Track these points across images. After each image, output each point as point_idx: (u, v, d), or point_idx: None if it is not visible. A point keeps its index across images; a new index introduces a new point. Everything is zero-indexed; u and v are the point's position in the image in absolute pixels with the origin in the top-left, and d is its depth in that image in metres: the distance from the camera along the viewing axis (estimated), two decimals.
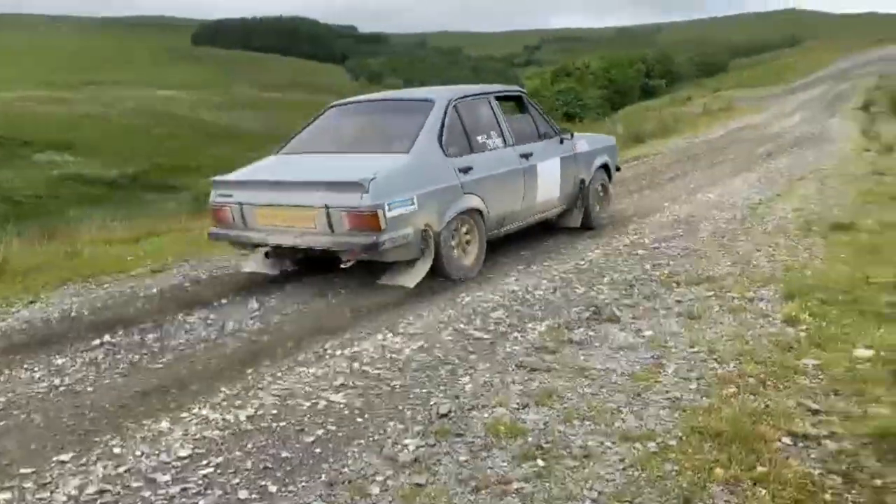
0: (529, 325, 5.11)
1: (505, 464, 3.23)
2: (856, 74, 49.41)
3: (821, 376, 4.10)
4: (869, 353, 4.44)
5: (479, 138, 6.17)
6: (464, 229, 5.94)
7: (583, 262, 6.84)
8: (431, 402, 3.90)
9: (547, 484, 3.06)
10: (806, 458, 3.20)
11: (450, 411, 3.77)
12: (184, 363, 4.73)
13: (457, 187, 5.72)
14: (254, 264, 6.29)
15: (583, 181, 7.64)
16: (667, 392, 3.89)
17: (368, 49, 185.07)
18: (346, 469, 3.27)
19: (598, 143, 8.13)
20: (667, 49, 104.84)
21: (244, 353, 4.86)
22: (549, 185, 7.00)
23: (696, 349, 4.52)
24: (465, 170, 5.85)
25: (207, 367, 4.64)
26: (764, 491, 2.93)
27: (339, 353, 4.71)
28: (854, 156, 15.01)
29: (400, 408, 3.86)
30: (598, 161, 7.98)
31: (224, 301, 6.03)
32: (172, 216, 12.81)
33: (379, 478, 3.17)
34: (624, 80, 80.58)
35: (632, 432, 3.43)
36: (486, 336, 4.92)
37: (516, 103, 7.25)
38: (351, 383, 4.20)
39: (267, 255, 6.08)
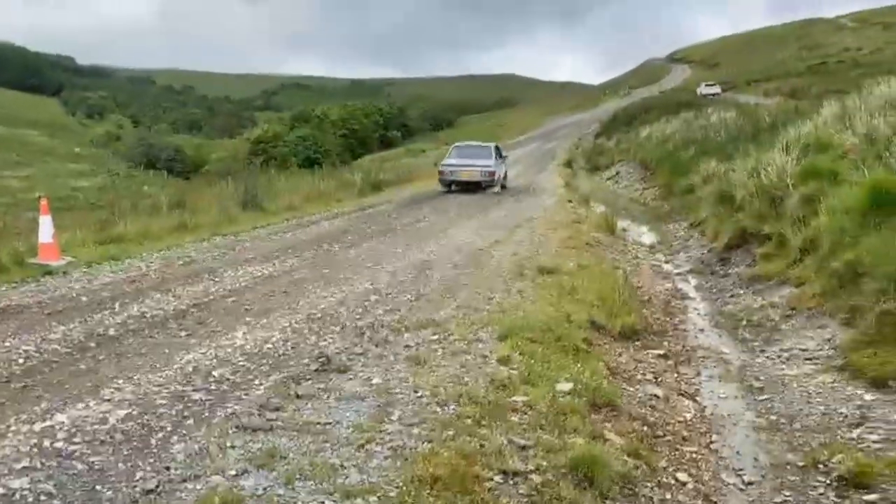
0: (255, 382, 4.87)
1: None
2: (560, 135, 56.26)
3: (529, 412, 4.42)
4: (569, 386, 4.91)
5: (497, 153, 20.22)
6: (501, 178, 20.08)
7: (315, 312, 6.76)
8: (137, 478, 3.49)
9: None
10: (515, 494, 3.40)
11: (158, 486, 3.40)
12: None
13: (500, 168, 20.06)
14: (441, 188, 20.02)
15: (505, 173, 21.24)
16: (391, 441, 3.91)
17: (88, 82, 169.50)
18: None
19: (504, 160, 21.92)
20: (400, 103, 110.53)
21: None
22: (503, 171, 20.74)
23: (420, 394, 4.64)
24: (499, 165, 19.87)
25: None
26: None
27: (25, 428, 4.05)
28: (559, 206, 16.94)
29: (98, 487, 3.40)
30: (507, 165, 22.82)
31: None
32: None
33: None
34: (363, 129, 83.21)
35: (354, 487, 3.37)
36: (206, 397, 4.58)
37: (497, 147, 21.48)
38: (38, 464, 3.62)
39: (447, 185, 20.00)
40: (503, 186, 21.16)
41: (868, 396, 5.27)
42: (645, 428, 4.87)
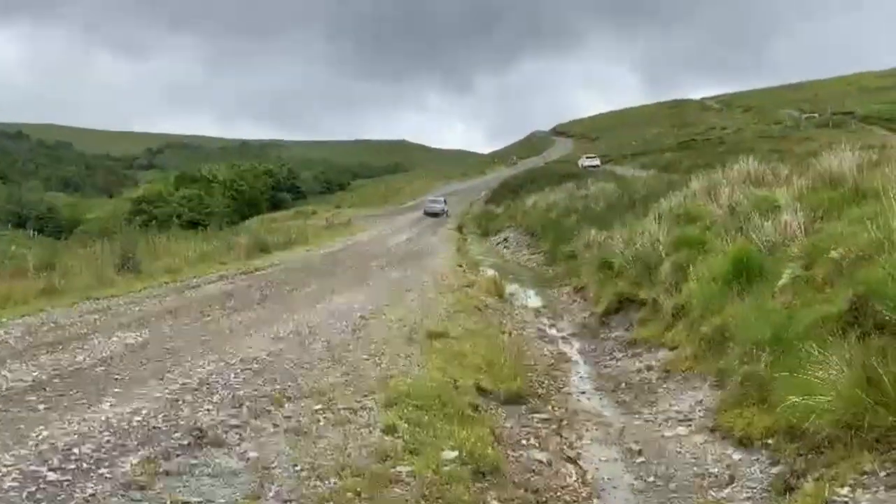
0: (120, 459, 4.54)
1: None
2: (451, 201, 57.66)
3: (413, 483, 4.35)
4: (454, 454, 4.89)
5: (445, 200, 52.11)
6: (447, 212, 48.54)
7: (191, 381, 6.44)
8: None
9: None
10: None
11: None
12: None
13: (446, 207, 50.11)
14: (422, 214, 49.12)
15: (448, 210, 49.40)
16: None
17: None
18: None
19: (447, 202, 52.52)
20: (291, 165, 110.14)
21: None
22: (447, 208, 49.74)
23: (299, 467, 4.47)
24: (445, 206, 49.77)
25: None
26: None
27: None
28: (450, 271, 17.20)
29: None
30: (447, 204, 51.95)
31: None
32: None
33: None
34: (252, 191, 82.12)
35: None
36: (63, 477, 4.22)
37: (444, 198, 54.59)
38: None
39: (425, 214, 48.65)
40: (448, 214, 47.41)
41: (736, 456, 5.55)
42: (529, 494, 4.89)
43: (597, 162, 62.47)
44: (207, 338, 8.47)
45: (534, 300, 15.08)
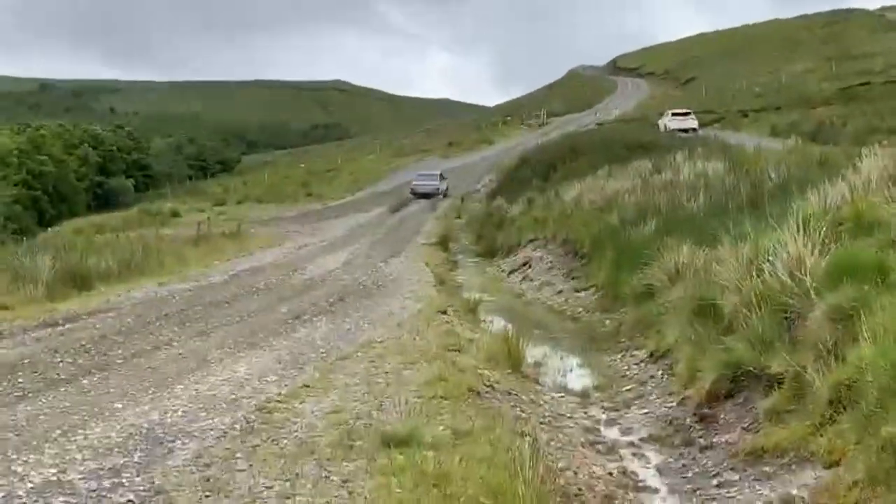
0: None
1: None
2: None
3: None
4: None
5: (441, 176, 74.61)
6: (443, 191, 73.42)
7: None
8: None
9: None
10: None
11: None
12: None
13: (443, 184, 73.43)
14: (410, 197, 69.89)
15: (447, 187, 73.17)
16: None
17: None
18: None
19: (446, 180, 76.58)
20: (135, 127, 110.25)
21: None
22: (446, 186, 73.13)
23: None
24: (442, 183, 72.69)
25: None
26: None
27: None
28: (424, 319, 17.18)
29: None
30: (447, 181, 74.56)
31: None
32: None
33: None
34: (61, 173, 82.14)
35: None
36: None
37: (441, 174, 76.63)
38: None
39: (413, 194, 71.88)
40: (445, 195, 67.84)
41: None
42: None
43: (692, 123, 63.35)
44: None
45: (578, 375, 15.13)
